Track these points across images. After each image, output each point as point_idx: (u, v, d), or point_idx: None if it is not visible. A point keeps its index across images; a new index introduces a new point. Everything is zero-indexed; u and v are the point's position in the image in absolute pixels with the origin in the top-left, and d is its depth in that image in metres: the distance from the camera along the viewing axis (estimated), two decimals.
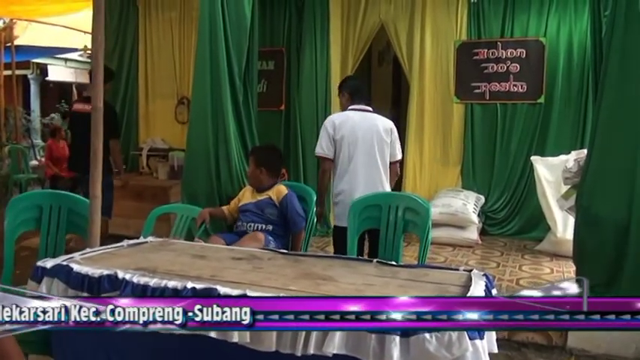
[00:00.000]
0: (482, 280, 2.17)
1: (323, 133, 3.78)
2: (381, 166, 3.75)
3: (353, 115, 3.76)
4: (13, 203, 2.98)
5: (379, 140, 3.74)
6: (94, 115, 2.97)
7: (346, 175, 3.72)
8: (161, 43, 7.05)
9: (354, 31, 6.26)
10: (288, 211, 3.48)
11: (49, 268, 2.26)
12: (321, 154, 3.76)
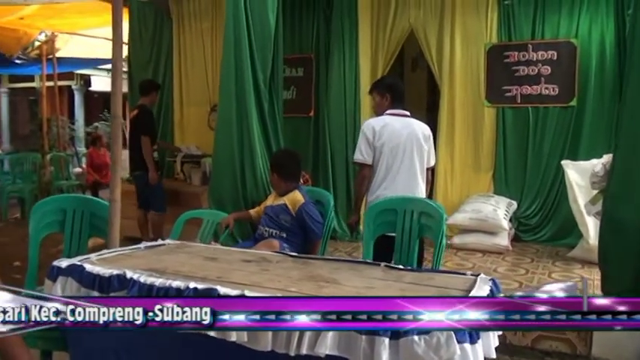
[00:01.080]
0: (488, 284, 2.15)
1: (362, 139, 3.70)
2: (419, 174, 3.71)
3: (393, 121, 3.68)
4: (38, 207, 3.10)
5: (419, 147, 3.70)
6: (112, 123, 3.07)
7: (384, 182, 3.66)
8: (194, 53, 7.20)
9: (383, 36, 6.24)
10: (305, 221, 3.50)
11: (64, 267, 2.35)
12: (360, 160, 3.69)
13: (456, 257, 5.27)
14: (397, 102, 3.75)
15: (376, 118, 3.81)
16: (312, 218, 3.49)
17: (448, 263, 5.04)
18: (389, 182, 3.61)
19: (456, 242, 5.53)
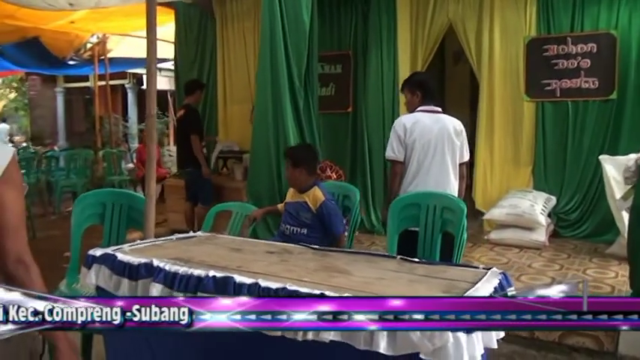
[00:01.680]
0: (497, 278, 2.19)
1: (393, 136, 3.74)
2: (452, 170, 3.72)
3: (423, 118, 3.70)
4: (80, 200, 3.31)
5: (450, 143, 3.70)
6: (147, 121, 3.24)
7: (416, 179, 3.68)
8: (237, 52, 7.39)
9: (422, 31, 6.26)
10: (325, 218, 3.48)
11: (98, 256, 2.52)
12: (392, 157, 3.73)
13: (492, 252, 5.27)
14: (428, 98, 3.76)
15: (407, 115, 3.86)
16: (333, 215, 3.50)
17: (483, 258, 5.07)
18: (420, 179, 3.64)
19: (493, 237, 5.52)
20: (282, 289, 1.99)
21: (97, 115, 10.42)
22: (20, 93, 18.42)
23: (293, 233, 3.48)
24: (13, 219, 1.58)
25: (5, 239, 1.57)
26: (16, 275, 1.58)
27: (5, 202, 1.56)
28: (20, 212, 1.62)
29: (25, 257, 1.60)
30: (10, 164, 1.58)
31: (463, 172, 3.85)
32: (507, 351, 3.53)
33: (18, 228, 1.60)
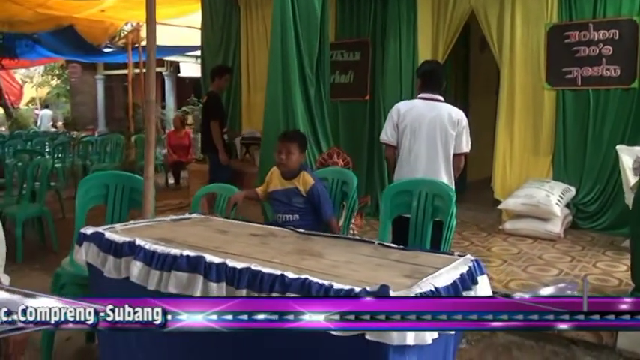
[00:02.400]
0: (467, 265, 2.18)
1: (388, 120, 3.81)
2: (442, 159, 3.69)
3: (419, 104, 3.73)
4: (84, 182, 3.46)
5: (443, 131, 3.67)
6: (146, 106, 3.33)
7: (406, 165, 3.73)
8: (260, 39, 7.47)
9: (444, 19, 6.19)
10: (316, 201, 3.48)
11: (89, 234, 2.64)
12: (385, 140, 3.82)
13: (505, 243, 5.22)
14: (427, 87, 3.76)
15: (405, 101, 3.93)
16: (322, 198, 3.50)
17: (494, 248, 5.03)
18: (411, 166, 3.68)
19: (508, 228, 5.47)
20: (246, 269, 2.06)
21: (130, 101, 10.68)
22: (62, 80, 19.03)
23: (286, 221, 3.48)
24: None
25: None
26: None
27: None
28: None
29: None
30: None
31: (459, 164, 3.80)
32: (505, 341, 3.52)
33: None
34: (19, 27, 8.78)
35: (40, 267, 4.90)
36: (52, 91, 20.27)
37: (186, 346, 2.30)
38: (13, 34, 9.63)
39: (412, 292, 1.78)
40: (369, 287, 1.78)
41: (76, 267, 3.07)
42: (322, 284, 1.85)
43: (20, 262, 5.04)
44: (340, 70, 6.65)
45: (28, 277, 4.60)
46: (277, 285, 1.94)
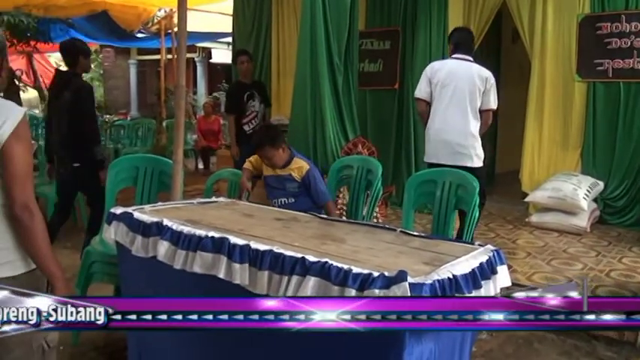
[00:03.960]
0: (487, 255, 2.19)
1: (422, 77, 4.28)
2: (471, 113, 4.12)
3: (451, 63, 4.22)
4: (115, 164, 3.56)
5: (471, 87, 4.08)
6: (176, 91, 3.41)
7: (437, 117, 4.19)
8: (291, 26, 7.48)
9: (475, 8, 6.13)
10: (312, 187, 3.49)
11: (118, 214, 2.73)
12: (418, 96, 4.30)
13: (531, 235, 5.19)
14: (459, 49, 4.24)
15: (440, 60, 4.48)
16: (318, 183, 3.50)
17: (519, 240, 5.02)
18: (441, 118, 4.14)
19: (534, 221, 5.43)
20: (269, 251, 2.11)
21: (162, 86, 10.82)
22: (95, 64, 19.31)
23: (282, 205, 3.48)
24: (21, 169, 1.80)
25: (14, 187, 1.79)
26: (22, 220, 1.80)
27: (15, 154, 1.78)
28: (27, 164, 1.83)
29: (30, 205, 1.81)
30: (21, 122, 1.81)
31: (487, 119, 4.22)
32: (526, 334, 3.53)
33: (25, 178, 1.81)
34: (54, 11, 8.96)
35: (70, 245, 5.03)
36: (85, 75, 20.59)
37: (211, 343, 2.38)
38: (48, 19, 9.81)
39: (430, 279, 1.81)
40: (387, 273, 1.81)
41: (105, 246, 3.17)
42: (341, 268, 1.89)
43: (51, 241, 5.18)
44: (369, 59, 6.65)
45: (59, 255, 4.67)
46: (298, 268, 1.99)
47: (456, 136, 4.14)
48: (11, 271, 1.85)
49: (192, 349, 2.47)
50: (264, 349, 2.12)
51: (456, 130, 4.11)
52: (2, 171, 1.79)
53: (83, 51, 4.59)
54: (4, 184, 1.80)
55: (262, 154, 3.54)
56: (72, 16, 9.30)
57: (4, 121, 1.77)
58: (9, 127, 1.77)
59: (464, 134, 4.14)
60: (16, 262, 1.86)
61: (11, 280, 1.79)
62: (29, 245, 1.84)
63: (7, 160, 1.78)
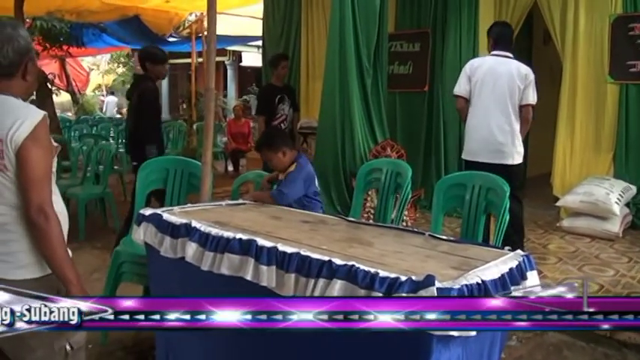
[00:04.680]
0: (517, 260, 2.16)
1: (462, 74, 4.29)
2: (511, 109, 4.12)
3: (490, 60, 4.22)
4: (145, 166, 3.59)
5: (511, 84, 4.10)
6: (206, 94, 3.43)
7: (478, 115, 4.20)
8: (320, 29, 7.50)
9: (506, 9, 6.06)
10: (283, 182, 3.41)
11: (147, 215, 2.76)
12: (457, 92, 4.30)
13: (562, 240, 5.10)
14: (498, 45, 4.24)
15: (478, 57, 4.45)
16: (284, 183, 3.38)
17: (550, 246, 4.94)
18: (482, 115, 4.15)
19: (565, 225, 5.33)
20: (296, 254, 2.11)
21: (193, 89, 10.94)
22: (127, 68, 19.66)
23: None
24: (37, 172, 1.79)
25: (29, 190, 1.78)
26: (37, 223, 1.79)
27: (31, 156, 1.78)
28: (44, 167, 1.82)
29: (46, 208, 1.79)
30: (39, 125, 1.80)
31: (527, 115, 4.21)
32: (556, 340, 3.47)
33: (41, 181, 1.80)
34: (86, 16, 9.15)
35: (101, 245, 5.12)
36: (117, 79, 20.98)
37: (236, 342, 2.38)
38: (80, 23, 10.02)
39: (458, 284, 1.78)
40: (414, 277, 1.80)
41: (134, 246, 3.20)
42: (368, 271, 1.87)
43: (82, 241, 5.27)
44: (399, 61, 6.62)
45: (89, 254, 4.83)
46: (324, 271, 1.98)
47: (497, 134, 4.16)
48: (26, 274, 1.85)
49: (218, 349, 2.49)
50: (285, 348, 2.12)
51: (497, 128, 4.13)
52: (19, 173, 1.80)
53: (150, 56, 4.87)
54: (20, 186, 1.81)
55: (262, 156, 3.60)
56: (104, 21, 9.47)
57: (21, 123, 1.78)
58: (26, 130, 1.78)
59: (505, 132, 4.15)
60: (31, 266, 1.86)
61: (25, 284, 1.78)
62: (44, 249, 1.82)
63: (22, 162, 1.78)
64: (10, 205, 1.83)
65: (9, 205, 1.83)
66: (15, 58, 1.85)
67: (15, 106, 1.84)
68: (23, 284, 1.76)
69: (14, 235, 1.84)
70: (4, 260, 1.85)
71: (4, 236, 1.85)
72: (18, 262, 1.85)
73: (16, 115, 1.80)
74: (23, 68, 1.89)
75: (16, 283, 1.78)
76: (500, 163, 4.06)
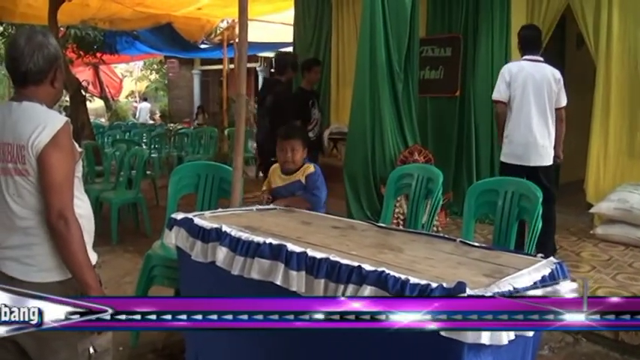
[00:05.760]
0: (550, 268, 2.12)
1: (500, 79, 4.38)
2: (549, 113, 4.31)
3: (527, 65, 4.33)
4: (177, 171, 3.65)
5: (549, 89, 4.29)
6: (237, 100, 3.47)
7: (521, 120, 4.30)
8: (351, 35, 7.52)
9: (539, 13, 5.97)
10: (308, 185, 3.36)
11: (179, 219, 2.80)
12: (497, 97, 4.40)
13: (596, 248, 4.99)
14: (529, 49, 4.38)
15: (514, 62, 4.50)
16: (319, 183, 3.37)
17: (583, 253, 4.84)
18: (523, 120, 4.26)
19: (599, 233, 5.21)
20: (325, 259, 2.11)
21: (224, 95, 11.05)
22: (160, 74, 19.97)
23: None
24: (57, 177, 1.81)
25: (50, 195, 1.80)
26: (57, 228, 1.80)
27: (52, 162, 1.80)
28: (65, 173, 1.84)
29: (66, 213, 1.81)
30: (61, 130, 1.83)
31: (561, 116, 4.43)
32: (589, 351, 3.40)
33: (62, 186, 1.82)
34: (119, 24, 9.33)
35: (133, 249, 5.19)
36: (150, 85, 21.35)
37: (269, 343, 2.38)
38: (114, 31, 10.22)
39: (489, 292, 1.76)
40: (445, 284, 1.78)
41: (166, 250, 3.25)
42: (398, 278, 1.86)
43: (115, 244, 5.37)
44: (430, 66, 6.58)
45: (121, 258, 4.91)
46: (354, 276, 1.98)
47: (539, 137, 4.32)
48: (48, 277, 1.88)
49: (247, 351, 2.50)
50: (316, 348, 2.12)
51: (539, 132, 4.29)
52: (40, 178, 1.82)
53: (293, 64, 5.60)
54: (42, 191, 1.83)
55: (290, 144, 3.41)
56: (137, 29, 9.64)
57: (42, 129, 1.80)
58: (47, 136, 1.80)
59: (545, 136, 4.33)
60: (54, 270, 1.88)
61: (48, 287, 1.82)
62: (64, 253, 1.83)
63: (43, 167, 1.80)
64: (33, 210, 1.86)
65: (32, 209, 1.86)
66: (44, 66, 1.89)
67: (38, 112, 1.86)
68: (46, 287, 1.81)
69: (37, 239, 1.87)
70: (27, 263, 1.88)
71: (28, 240, 1.87)
72: (40, 266, 1.87)
73: (38, 121, 1.83)
74: (52, 75, 1.92)
75: (39, 286, 1.82)
76: (542, 165, 4.32)
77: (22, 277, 1.86)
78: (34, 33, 1.91)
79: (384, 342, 1.93)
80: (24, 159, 1.81)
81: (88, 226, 1.99)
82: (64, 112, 7.99)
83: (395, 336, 1.84)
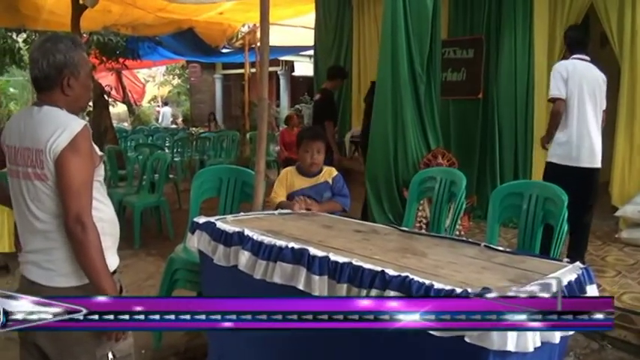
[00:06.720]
0: (576, 273, 2.08)
1: (557, 76, 4.21)
2: (599, 114, 4.25)
3: (579, 65, 4.22)
4: (199, 175, 3.66)
5: (600, 90, 4.23)
6: (259, 104, 3.46)
7: (578, 120, 4.17)
8: (372, 38, 7.50)
9: (562, 12, 5.87)
10: (335, 188, 3.37)
11: (201, 223, 2.81)
12: (556, 95, 4.19)
13: (621, 253, 4.89)
14: (577, 49, 4.31)
15: (566, 61, 4.33)
16: (342, 188, 3.39)
17: (608, 257, 4.75)
18: (580, 120, 4.15)
19: (624, 237, 5.11)
20: (348, 264, 2.09)
21: (246, 99, 11.11)
22: (182, 79, 20.14)
23: None
24: (75, 181, 1.79)
25: (67, 199, 1.78)
26: (74, 232, 1.78)
27: (69, 166, 1.78)
28: (82, 177, 1.81)
29: (83, 218, 1.78)
30: (80, 134, 1.81)
31: (604, 119, 4.36)
32: (614, 358, 3.35)
33: (79, 191, 1.79)
34: (141, 30, 9.42)
35: (155, 253, 5.23)
36: (172, 90, 21.54)
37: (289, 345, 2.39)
38: (136, 37, 10.33)
39: None
40: (470, 289, 1.75)
41: (188, 254, 3.26)
42: (422, 283, 1.84)
43: (137, 248, 5.40)
44: (452, 68, 6.52)
45: (144, 261, 4.94)
46: (377, 281, 1.96)
47: (595, 138, 4.22)
48: (67, 282, 1.87)
49: (271, 354, 2.50)
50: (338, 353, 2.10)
51: (594, 133, 4.20)
52: (58, 182, 1.80)
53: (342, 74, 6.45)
54: (60, 195, 1.81)
55: (317, 145, 3.37)
56: (159, 34, 9.73)
57: (60, 133, 1.79)
58: (65, 139, 1.78)
59: (599, 136, 4.25)
60: (73, 274, 1.87)
61: (66, 291, 1.82)
62: (81, 259, 1.81)
63: (61, 171, 1.79)
64: (52, 214, 1.85)
65: (50, 213, 1.85)
66: (50, 72, 1.86)
67: (57, 116, 1.85)
68: (64, 292, 1.82)
69: (56, 243, 1.86)
70: (47, 268, 1.87)
71: (47, 244, 1.87)
72: (60, 270, 1.87)
73: (56, 125, 1.81)
74: (62, 83, 1.88)
75: (58, 290, 1.83)
76: (595, 167, 4.21)
77: (45, 282, 1.87)
78: (44, 40, 1.90)
79: (406, 346, 1.91)
80: (42, 163, 1.81)
81: (112, 230, 1.99)
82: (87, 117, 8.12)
83: (419, 341, 1.82)
